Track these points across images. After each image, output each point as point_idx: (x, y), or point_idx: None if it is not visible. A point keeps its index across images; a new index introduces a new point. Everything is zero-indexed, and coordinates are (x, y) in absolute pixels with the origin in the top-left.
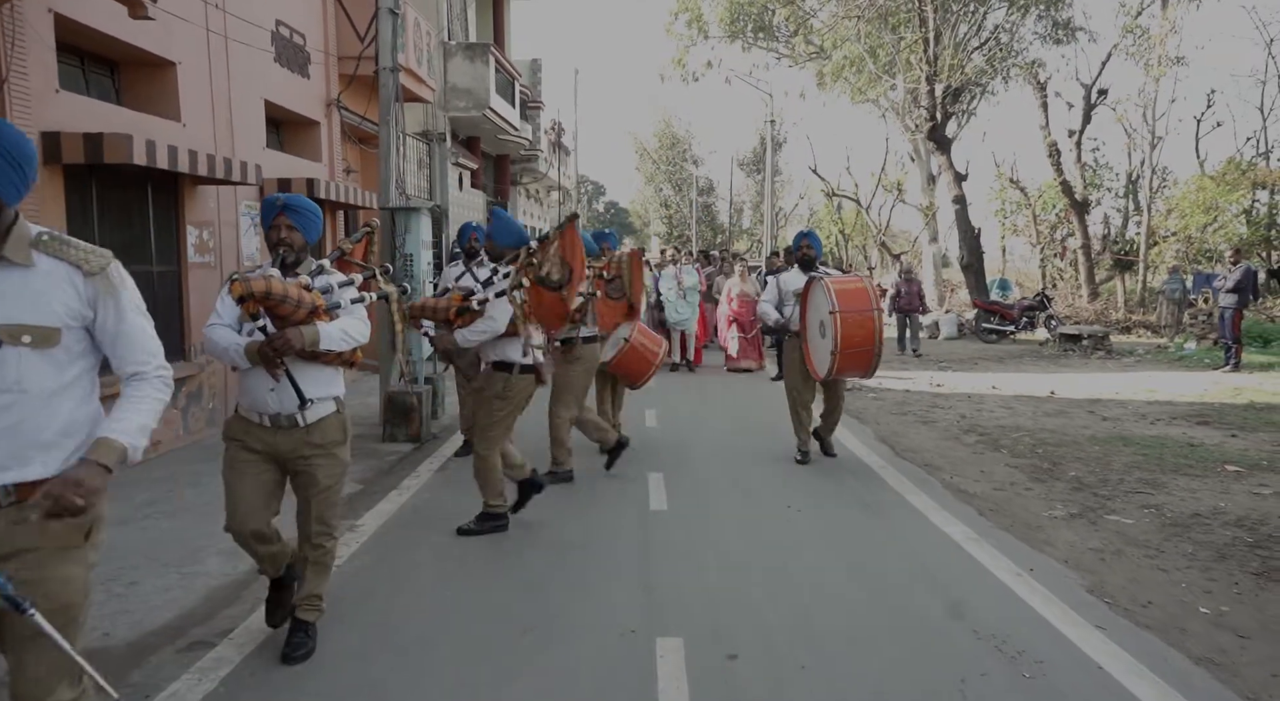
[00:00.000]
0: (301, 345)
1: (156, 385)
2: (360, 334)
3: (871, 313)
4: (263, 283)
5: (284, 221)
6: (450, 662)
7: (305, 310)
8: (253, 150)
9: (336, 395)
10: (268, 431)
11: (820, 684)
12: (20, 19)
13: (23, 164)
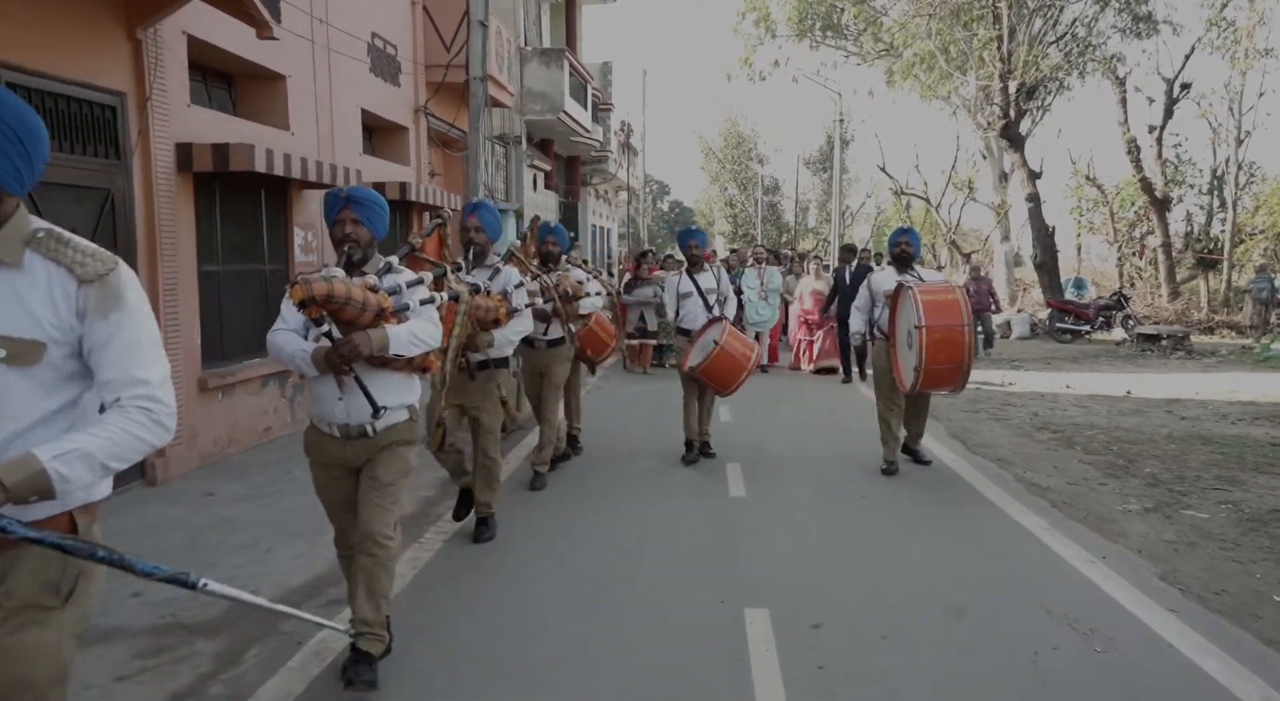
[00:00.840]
0: (369, 350)
1: (133, 415)
2: (431, 337)
3: (961, 328)
4: (324, 285)
5: (349, 215)
6: (561, 619)
7: (371, 313)
8: (350, 156)
9: (410, 404)
10: (337, 443)
11: (900, 652)
12: (161, 41)
13: (24, 140)
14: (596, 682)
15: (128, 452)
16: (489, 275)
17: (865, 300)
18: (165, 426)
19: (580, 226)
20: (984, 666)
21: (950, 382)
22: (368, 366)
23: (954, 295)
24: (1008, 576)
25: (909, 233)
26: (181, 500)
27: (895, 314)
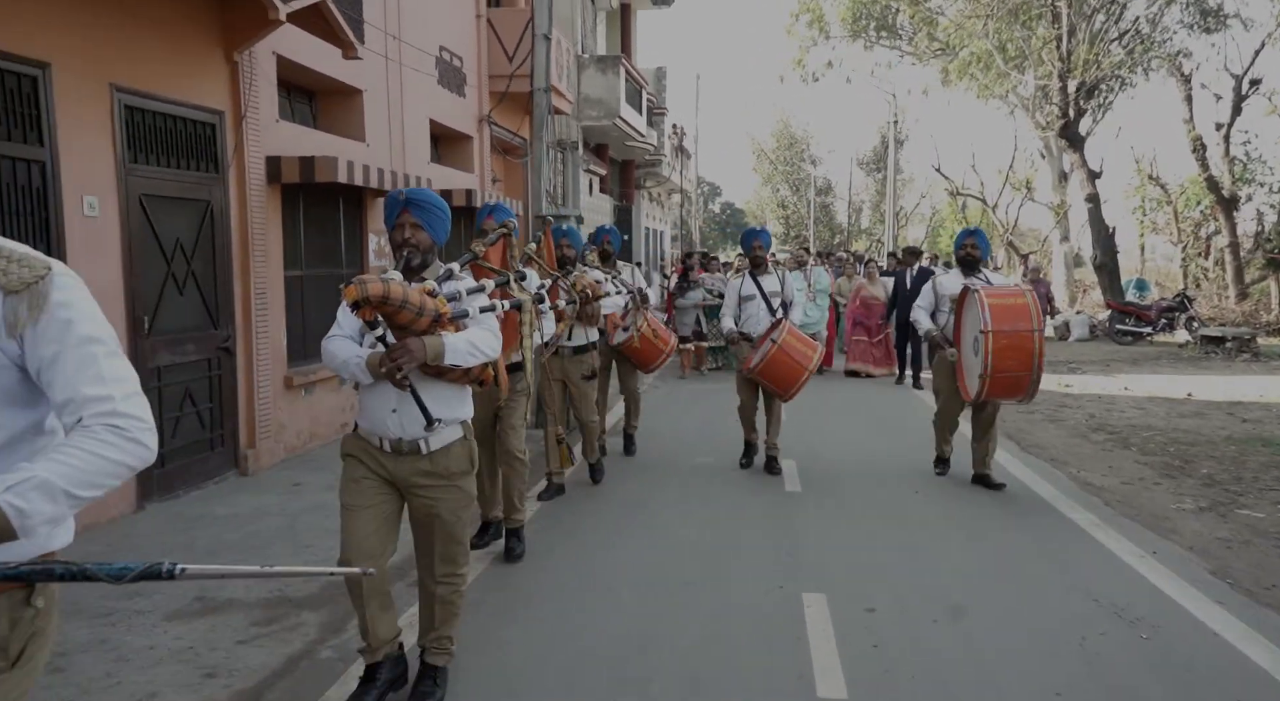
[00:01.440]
0: (424, 357)
1: (99, 434)
2: (490, 347)
3: (1032, 333)
4: (380, 286)
5: (408, 219)
6: (630, 603)
7: (428, 318)
8: (419, 164)
9: (464, 419)
10: (388, 457)
11: (951, 635)
12: (254, 62)
13: None
14: (663, 659)
15: (98, 477)
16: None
17: (929, 300)
18: (141, 442)
19: (634, 229)
20: (1031, 648)
21: (1019, 391)
22: (421, 376)
23: (1024, 298)
24: (1056, 567)
25: (976, 234)
26: (273, 489)
27: (961, 318)
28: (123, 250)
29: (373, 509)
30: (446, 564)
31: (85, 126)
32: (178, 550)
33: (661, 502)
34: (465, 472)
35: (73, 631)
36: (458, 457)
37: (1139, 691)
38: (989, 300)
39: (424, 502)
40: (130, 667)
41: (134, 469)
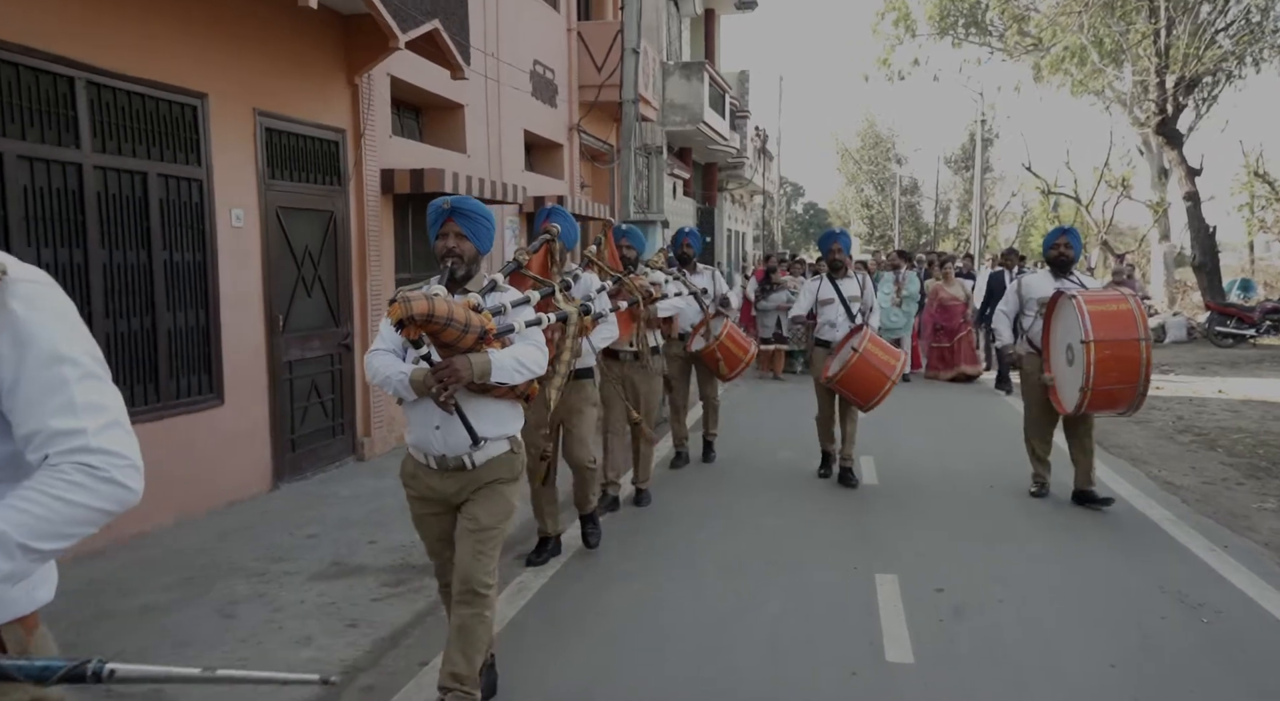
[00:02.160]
0: (470, 377)
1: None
2: (536, 363)
3: (1138, 342)
4: (424, 303)
5: (453, 228)
6: (713, 580)
7: (473, 335)
8: (515, 173)
9: (512, 434)
10: (434, 475)
11: (1014, 612)
12: (372, 84)
13: None
14: (745, 628)
15: (65, 527)
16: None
17: (1013, 304)
18: (118, 482)
19: (716, 231)
20: (1089, 626)
21: (1123, 403)
22: (467, 393)
23: (1127, 305)
24: (1123, 556)
25: (1069, 233)
26: (388, 473)
27: (1051, 324)
28: (262, 257)
29: (444, 540)
30: (471, 578)
31: (233, 147)
32: (311, 524)
33: (742, 491)
34: (509, 479)
35: (236, 586)
36: (503, 467)
37: (1192, 667)
38: (1089, 307)
39: (469, 505)
40: (286, 616)
41: (111, 514)
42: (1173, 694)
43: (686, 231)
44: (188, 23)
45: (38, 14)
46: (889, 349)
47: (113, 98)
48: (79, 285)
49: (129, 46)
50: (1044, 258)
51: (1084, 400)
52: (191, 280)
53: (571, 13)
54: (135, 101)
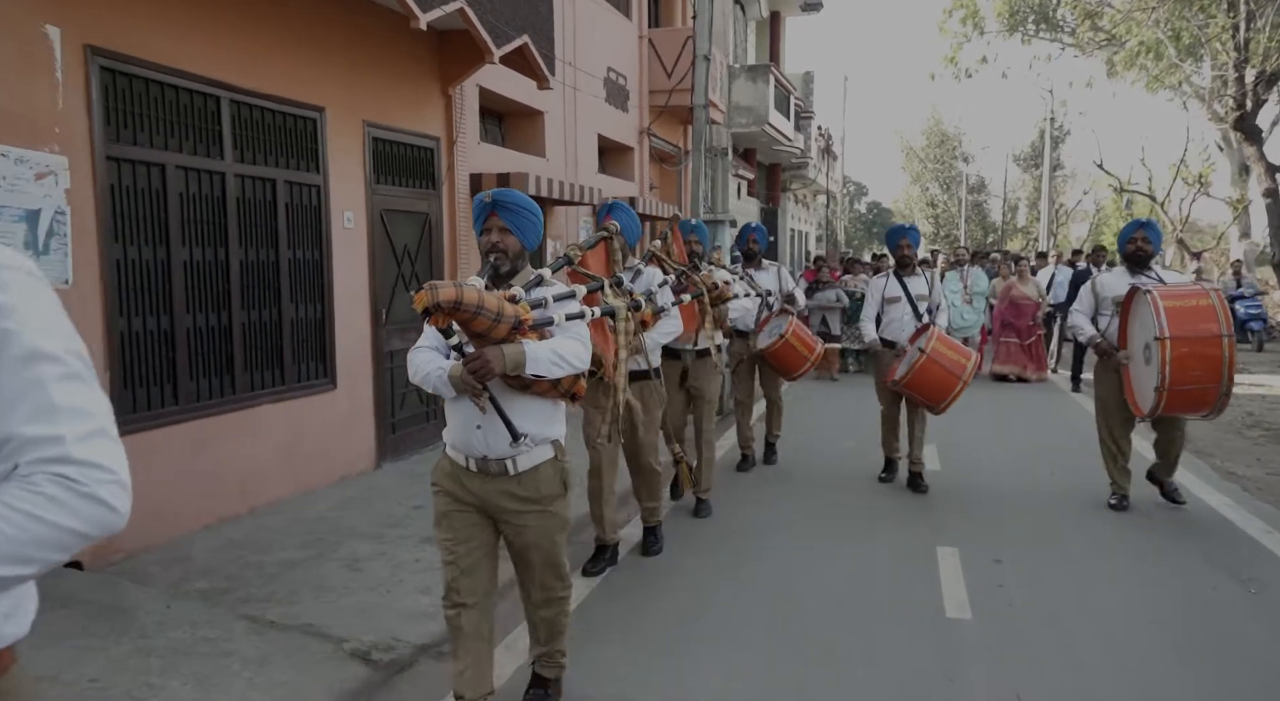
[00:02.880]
0: (502, 367)
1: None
2: (577, 358)
3: (1220, 338)
4: (453, 290)
5: (496, 223)
6: (783, 548)
7: (506, 325)
8: (588, 175)
9: (555, 438)
10: (474, 478)
11: (1069, 581)
12: (463, 95)
13: None
14: (814, 590)
15: (32, 548)
16: (630, 277)
17: (1087, 304)
18: (100, 500)
19: (779, 231)
20: (1137, 592)
21: (1203, 406)
22: (506, 389)
23: (1207, 299)
24: (1178, 534)
25: (1147, 226)
26: None
27: (1127, 322)
28: (369, 255)
29: (469, 542)
30: (547, 588)
31: (346, 155)
32: (415, 497)
33: (810, 474)
34: (558, 496)
35: (358, 547)
36: (549, 479)
37: (1234, 627)
38: (1164, 302)
39: (517, 529)
40: (406, 572)
41: (88, 538)
42: (1211, 646)
43: (753, 227)
44: (311, 43)
45: (193, 41)
46: (959, 348)
47: (250, 113)
48: (221, 280)
49: (264, 67)
50: (1119, 253)
51: (1160, 401)
52: (310, 276)
53: (643, 20)
54: (267, 116)
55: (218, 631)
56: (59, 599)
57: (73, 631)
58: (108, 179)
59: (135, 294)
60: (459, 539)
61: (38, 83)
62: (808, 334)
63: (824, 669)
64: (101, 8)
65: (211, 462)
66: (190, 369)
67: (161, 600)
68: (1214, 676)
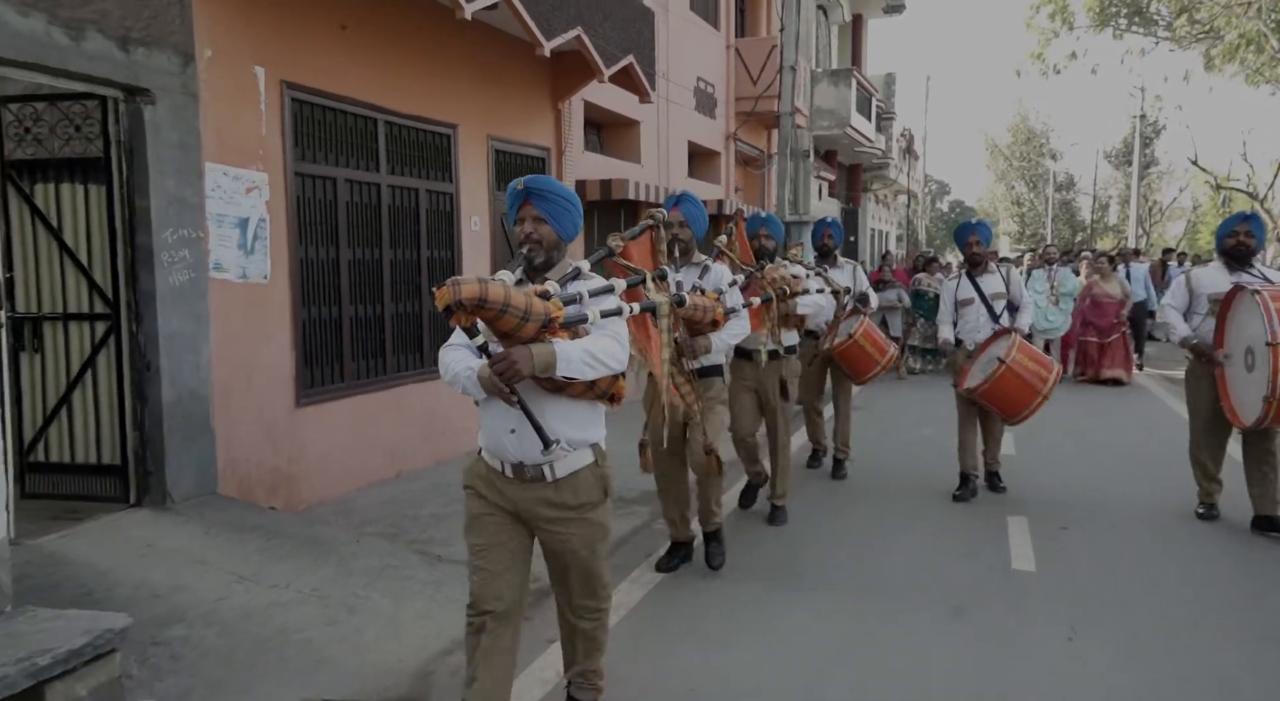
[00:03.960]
0: (530, 369)
1: None
2: (613, 357)
3: None
4: (476, 287)
5: (530, 212)
6: (860, 517)
7: (535, 324)
8: (678, 179)
9: (594, 442)
10: (510, 483)
11: (1131, 547)
12: (570, 109)
13: None
14: (890, 552)
15: None
16: (698, 273)
17: (1180, 298)
18: None
19: (859, 230)
20: (1193, 553)
21: None
22: (539, 390)
23: None
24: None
25: (1250, 219)
26: None
27: (1225, 323)
28: (491, 256)
29: (499, 547)
30: (585, 598)
31: (473, 166)
32: None
33: (886, 452)
34: (597, 503)
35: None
36: (588, 486)
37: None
38: (1275, 303)
39: (554, 537)
40: None
41: None
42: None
43: (828, 222)
44: (446, 69)
45: (358, 73)
46: (1041, 358)
47: (399, 132)
48: (375, 277)
49: (410, 92)
50: (1217, 248)
51: (1269, 412)
52: (444, 274)
53: (730, 31)
54: (412, 134)
55: (399, 561)
56: (270, 531)
57: (289, 555)
58: (295, 191)
59: (313, 288)
60: (489, 543)
61: (248, 113)
62: (879, 336)
63: (903, 602)
64: (293, 50)
65: (368, 433)
66: (352, 353)
67: (349, 537)
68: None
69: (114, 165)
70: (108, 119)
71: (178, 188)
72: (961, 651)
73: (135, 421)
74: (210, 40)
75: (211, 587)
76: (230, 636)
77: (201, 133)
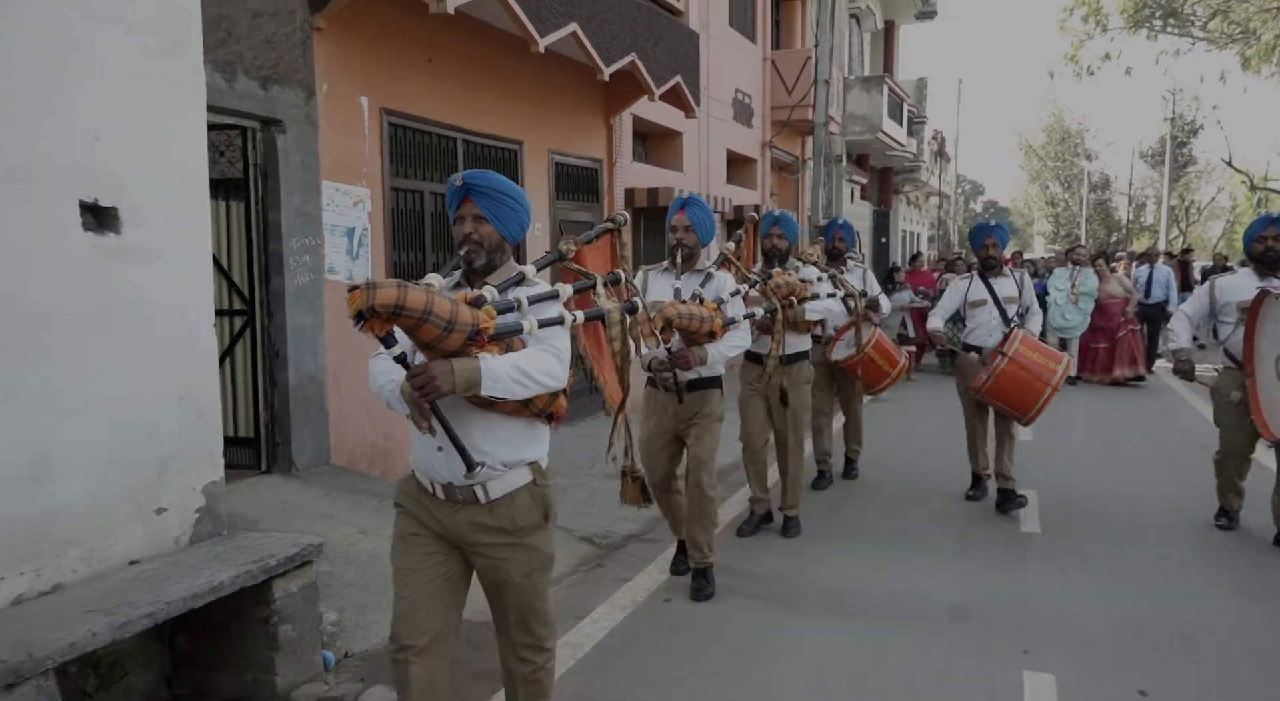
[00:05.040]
0: (451, 387)
1: None
2: (548, 374)
3: None
4: (392, 291)
5: (470, 210)
6: (880, 495)
7: (460, 334)
8: (718, 185)
9: (533, 461)
10: (441, 506)
11: (1134, 525)
12: (620, 122)
13: None
14: (909, 520)
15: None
16: (700, 281)
17: (1199, 307)
18: None
19: (891, 232)
20: (1188, 527)
21: None
22: (467, 407)
23: None
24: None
25: (1279, 222)
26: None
27: (1255, 332)
28: None
29: (425, 573)
30: (522, 634)
31: (536, 179)
32: (591, 450)
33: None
34: (535, 527)
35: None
36: (525, 508)
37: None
38: None
39: (489, 564)
40: (599, 497)
41: None
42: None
43: (839, 223)
44: (514, 91)
45: (441, 99)
46: (1047, 351)
47: (474, 149)
48: None
49: (483, 113)
50: (1246, 253)
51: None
52: None
53: (766, 43)
54: (485, 150)
55: None
56: (379, 495)
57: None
58: (391, 203)
59: None
60: (414, 567)
61: (354, 137)
62: (891, 346)
63: (923, 552)
64: (390, 80)
65: None
66: None
67: None
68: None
69: (251, 184)
70: (247, 146)
71: (302, 203)
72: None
73: (267, 401)
74: (327, 76)
75: (342, 536)
76: (364, 573)
77: (320, 155)
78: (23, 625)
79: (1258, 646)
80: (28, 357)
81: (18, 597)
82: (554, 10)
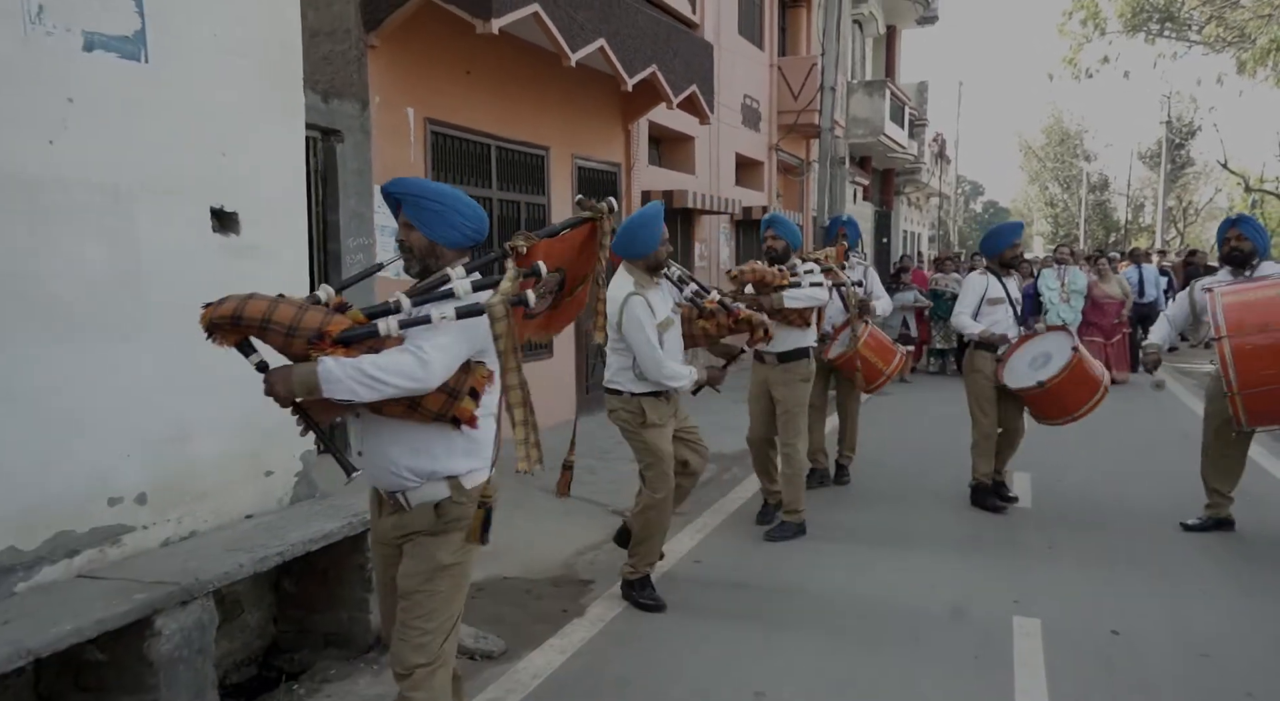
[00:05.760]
0: (289, 390)
1: None
2: (402, 375)
3: None
4: (232, 304)
5: (401, 218)
6: (885, 474)
7: (301, 340)
8: (727, 188)
9: (452, 474)
10: (378, 511)
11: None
12: (637, 128)
13: None
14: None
15: None
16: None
17: (1179, 311)
18: None
19: (892, 232)
20: (1171, 508)
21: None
22: (369, 413)
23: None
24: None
25: (1240, 223)
26: None
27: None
28: None
29: (389, 583)
30: (398, 640)
31: (560, 182)
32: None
33: (894, 457)
34: (439, 532)
35: (590, 463)
36: (423, 513)
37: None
38: (1225, 298)
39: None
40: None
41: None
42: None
43: (844, 219)
44: (542, 101)
45: (477, 109)
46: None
47: (505, 155)
48: None
49: (514, 121)
50: (1219, 257)
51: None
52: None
53: (773, 50)
54: (515, 155)
55: (534, 499)
56: None
57: None
58: None
59: None
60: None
61: (401, 144)
62: (886, 342)
63: (922, 523)
64: (432, 92)
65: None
66: None
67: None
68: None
69: (313, 190)
70: (309, 154)
71: (357, 205)
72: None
73: None
74: (378, 89)
75: None
76: None
77: (372, 161)
78: (178, 561)
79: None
80: (177, 339)
81: (166, 540)
82: (584, 28)
